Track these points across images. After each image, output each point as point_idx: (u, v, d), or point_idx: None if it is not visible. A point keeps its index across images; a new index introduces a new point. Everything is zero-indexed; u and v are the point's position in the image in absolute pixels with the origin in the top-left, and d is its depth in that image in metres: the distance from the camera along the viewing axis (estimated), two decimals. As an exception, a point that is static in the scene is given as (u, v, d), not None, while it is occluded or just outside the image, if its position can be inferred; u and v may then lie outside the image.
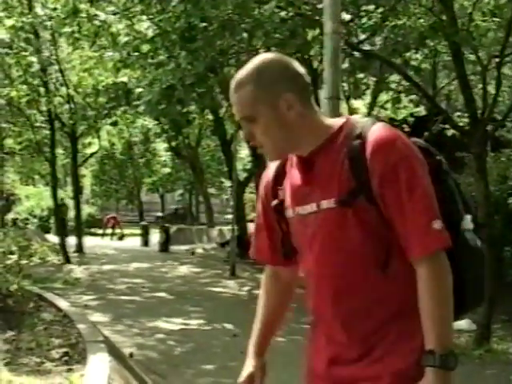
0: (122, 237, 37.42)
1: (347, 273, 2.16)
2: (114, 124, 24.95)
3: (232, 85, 2.23)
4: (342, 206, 2.13)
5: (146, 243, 30.89)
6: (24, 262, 7.78)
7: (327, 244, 2.19)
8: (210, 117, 24.84)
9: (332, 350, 2.24)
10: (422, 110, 20.19)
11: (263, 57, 2.27)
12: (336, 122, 2.27)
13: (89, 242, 27.22)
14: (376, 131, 2.14)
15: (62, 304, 7.95)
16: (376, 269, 2.12)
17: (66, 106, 22.92)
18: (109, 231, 37.87)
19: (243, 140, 23.24)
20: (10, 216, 34.97)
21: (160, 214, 47.31)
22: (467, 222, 2.22)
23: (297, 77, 2.23)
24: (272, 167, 2.43)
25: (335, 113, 4.29)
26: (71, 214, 30.94)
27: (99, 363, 4.68)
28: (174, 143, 30.27)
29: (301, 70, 2.26)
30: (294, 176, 2.31)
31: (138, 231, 33.42)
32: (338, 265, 2.18)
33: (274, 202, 2.37)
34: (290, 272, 2.51)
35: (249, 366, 2.51)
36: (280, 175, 2.37)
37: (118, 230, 38.00)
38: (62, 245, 21.60)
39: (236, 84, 2.21)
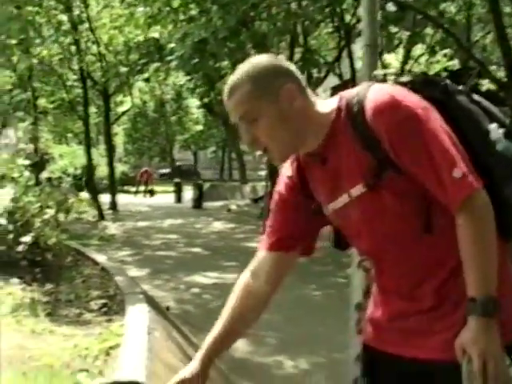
0: (152, 192, 37.41)
1: (400, 246, 2.11)
2: (147, 80, 24.96)
3: (226, 91, 2.12)
4: (371, 187, 2.06)
5: (179, 200, 31.04)
6: (61, 216, 7.84)
7: (372, 227, 2.12)
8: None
9: (399, 305, 2.18)
10: (455, 64, 19.90)
11: (253, 58, 2.16)
12: (333, 105, 2.14)
13: (122, 199, 27.42)
14: (371, 97, 2.04)
15: (100, 258, 8.04)
16: (425, 232, 2.07)
17: (98, 65, 22.95)
18: (142, 188, 37.95)
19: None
20: (44, 175, 35.30)
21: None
22: (494, 131, 2.11)
23: (291, 71, 2.13)
24: (289, 170, 2.30)
25: (373, 59, 4.23)
26: (99, 172, 31.14)
27: (138, 313, 4.73)
28: (206, 100, 30.18)
29: (292, 66, 2.16)
30: (314, 175, 2.22)
31: (171, 188, 33.56)
32: (389, 242, 2.13)
33: (314, 205, 2.24)
34: (287, 260, 2.37)
35: (188, 369, 2.27)
36: (304, 178, 2.26)
37: (149, 186, 37.97)
38: (96, 202, 21.79)
39: (230, 88, 2.10)
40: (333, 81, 22.91)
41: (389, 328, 2.20)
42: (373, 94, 2.04)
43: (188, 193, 29.95)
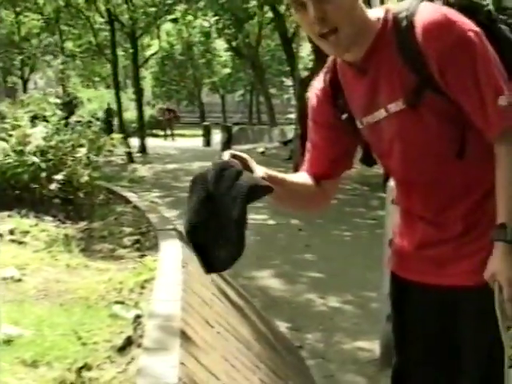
0: (172, 136, 36.97)
1: (431, 167, 2.09)
2: (175, 21, 24.77)
3: None
4: (411, 104, 2.00)
5: (207, 143, 31.04)
6: (93, 155, 7.87)
7: (406, 146, 2.08)
8: (270, 14, 24.39)
9: (425, 232, 2.17)
10: None
11: None
12: (378, 16, 2.04)
13: (151, 143, 27.49)
14: (423, 14, 1.95)
15: (132, 196, 8.08)
16: (457, 157, 2.04)
17: (125, 6, 22.79)
18: (169, 132, 37.63)
19: (305, 38, 22.87)
20: (73, 118, 35.38)
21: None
22: None
23: None
24: (320, 82, 2.24)
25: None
26: (128, 116, 31.16)
27: (172, 248, 4.75)
28: (234, 43, 29.96)
29: None
30: (351, 86, 2.15)
31: (200, 132, 33.54)
32: (421, 163, 2.09)
33: (344, 116, 2.19)
34: (332, 184, 2.33)
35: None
36: (337, 88, 2.19)
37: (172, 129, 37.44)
38: (126, 144, 21.81)
39: None
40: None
41: (415, 256, 2.19)
42: (425, 12, 1.96)
43: (217, 136, 29.92)
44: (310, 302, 6.56)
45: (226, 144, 27.55)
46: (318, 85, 2.26)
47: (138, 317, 3.33)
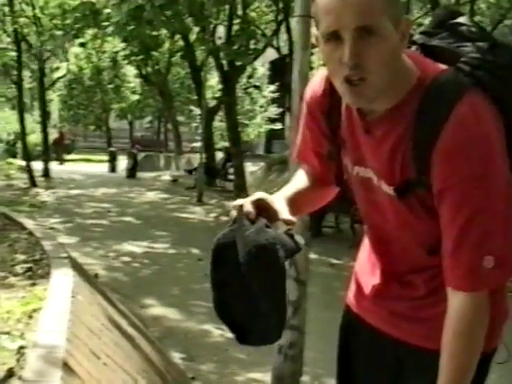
0: (59, 160, 35.98)
1: (406, 245, 1.96)
2: (82, 45, 24.56)
3: None
4: (399, 195, 1.81)
5: (113, 169, 30.74)
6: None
7: (392, 219, 1.91)
8: (181, 43, 24.46)
9: (387, 285, 2.07)
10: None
11: None
12: (412, 72, 1.75)
13: (56, 167, 27.04)
14: (462, 121, 1.66)
15: (28, 223, 7.91)
16: (428, 254, 1.90)
17: (33, 28, 22.45)
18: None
19: (214, 67, 23.00)
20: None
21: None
22: None
23: None
24: (319, 90, 1.95)
25: (306, 31, 4.19)
26: (33, 139, 30.59)
27: (63, 277, 4.69)
28: (143, 70, 29.86)
29: None
30: (352, 125, 1.89)
31: (106, 157, 33.21)
32: (398, 237, 1.96)
33: (335, 145, 1.97)
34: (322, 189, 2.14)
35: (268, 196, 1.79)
36: (334, 108, 1.93)
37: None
38: (28, 168, 21.41)
39: None
40: (271, 54, 22.95)
41: (374, 303, 2.11)
42: (466, 116, 1.67)
43: (123, 162, 29.68)
44: (206, 333, 6.56)
45: (131, 170, 27.37)
46: (315, 89, 2.00)
47: (21, 348, 3.27)
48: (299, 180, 2.09)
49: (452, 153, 1.67)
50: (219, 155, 24.92)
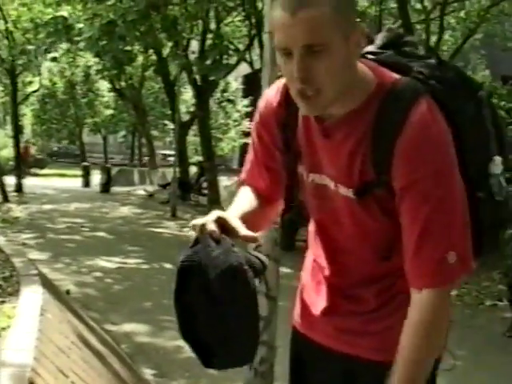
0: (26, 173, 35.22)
1: (359, 252, 1.96)
2: (54, 60, 24.52)
3: (293, 2, 1.65)
4: (358, 197, 1.82)
5: (87, 184, 30.57)
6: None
7: (348, 225, 1.92)
8: (154, 57, 24.48)
9: (334, 302, 2.05)
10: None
11: None
12: (369, 79, 1.81)
13: (29, 182, 26.86)
14: (420, 120, 1.74)
15: (-2, 240, 7.88)
16: (383, 259, 1.92)
17: (5, 42, 22.37)
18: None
19: (186, 82, 23.02)
20: None
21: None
22: (495, 165, 1.92)
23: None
24: (275, 102, 1.97)
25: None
26: (6, 153, 30.41)
27: (32, 295, 4.66)
28: (117, 84, 29.82)
29: None
30: (309, 133, 1.90)
31: (79, 172, 33.04)
32: (351, 243, 1.96)
33: (288, 155, 1.97)
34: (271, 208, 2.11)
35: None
36: (291, 117, 1.93)
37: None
38: (1, 184, 21.27)
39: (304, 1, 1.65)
40: (244, 68, 23.01)
41: (321, 320, 2.08)
42: (421, 119, 1.74)
43: (97, 177, 29.55)
44: (178, 348, 6.52)
45: (105, 185, 27.24)
46: (271, 101, 2.00)
47: (-12, 367, 3.25)
48: (244, 200, 2.03)
49: (412, 151, 1.72)
50: (193, 169, 24.91)
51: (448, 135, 1.77)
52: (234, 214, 1.83)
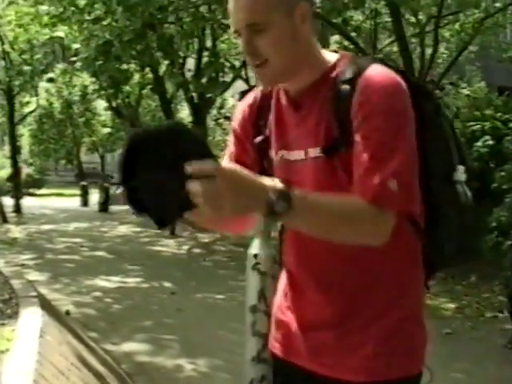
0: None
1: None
2: (51, 80, 24.58)
3: None
4: (327, 155, 1.90)
5: (85, 203, 30.59)
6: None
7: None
8: (151, 75, 24.53)
9: (310, 313, 2.03)
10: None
11: None
12: (330, 57, 2.00)
13: (27, 202, 26.86)
14: (371, 76, 1.87)
15: (-4, 261, 7.87)
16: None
17: (2, 63, 22.44)
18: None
19: (183, 100, 23.08)
20: None
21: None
22: (459, 173, 2.01)
23: None
24: (251, 98, 2.14)
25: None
26: (3, 174, 30.41)
27: (31, 317, 4.65)
28: (114, 102, 29.86)
29: None
30: (280, 114, 2.04)
31: (78, 191, 33.05)
32: None
33: (259, 139, 2.08)
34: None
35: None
36: (263, 108, 2.09)
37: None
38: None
39: None
40: (241, 85, 23.07)
41: (299, 339, 2.04)
42: (373, 75, 1.88)
43: (94, 196, 29.57)
44: (179, 368, 6.52)
45: (104, 204, 27.25)
46: (248, 98, 2.16)
47: (-13, 391, 3.24)
48: None
49: (365, 90, 1.85)
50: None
51: (405, 88, 1.88)
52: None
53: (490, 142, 11.59)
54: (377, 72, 1.89)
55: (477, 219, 2.09)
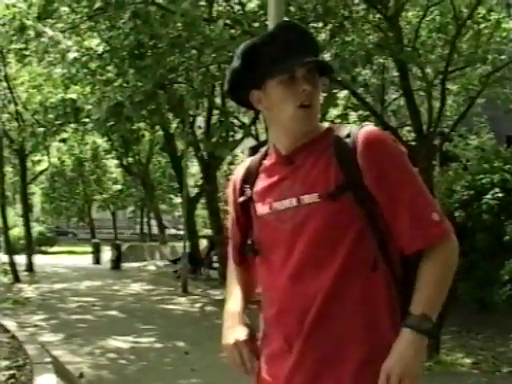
0: None
1: (334, 270, 2.11)
2: (64, 141, 24.81)
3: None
4: (326, 200, 2.12)
5: (97, 261, 30.58)
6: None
7: (314, 237, 2.13)
8: (161, 132, 24.76)
9: (309, 368, 2.14)
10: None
11: None
12: (321, 126, 2.31)
13: (39, 260, 26.87)
14: (367, 131, 2.17)
15: (10, 325, 7.85)
16: (364, 269, 2.11)
17: (15, 123, 22.70)
18: None
19: (193, 156, 23.23)
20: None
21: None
22: None
23: None
24: (240, 171, 2.42)
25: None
26: (16, 232, 30.48)
27: (47, 384, 4.64)
28: (124, 160, 30.11)
29: None
30: (270, 173, 2.30)
31: (89, 249, 33.10)
32: (323, 260, 2.12)
33: (241, 199, 2.34)
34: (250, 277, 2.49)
35: (241, 329, 2.31)
36: (250, 176, 2.36)
37: None
38: (12, 264, 21.31)
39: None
40: (250, 140, 23.22)
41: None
42: (368, 130, 2.19)
43: (107, 253, 29.58)
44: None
45: (116, 262, 27.25)
46: (240, 170, 2.44)
47: None
48: (235, 279, 2.54)
49: (368, 149, 2.13)
50: (203, 242, 24.92)
51: (393, 137, 2.22)
52: (237, 306, 2.39)
53: (500, 195, 11.57)
54: (370, 128, 2.19)
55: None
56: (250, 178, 2.36)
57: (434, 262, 2.11)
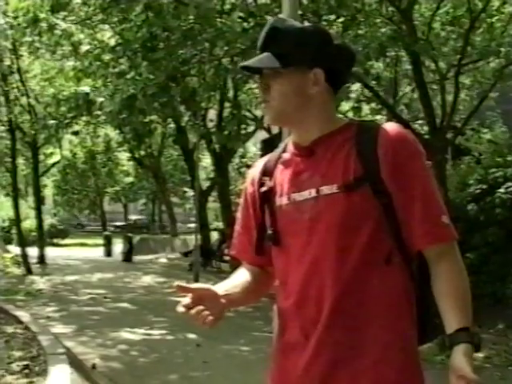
0: None
1: (353, 260, 2.10)
2: (76, 133, 24.86)
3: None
4: (344, 191, 2.11)
5: (109, 253, 30.68)
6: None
7: (333, 227, 2.12)
8: (173, 125, 24.76)
9: (326, 353, 2.12)
10: (382, 119, 20.34)
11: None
12: (340, 120, 2.31)
13: (51, 252, 26.98)
14: (390, 126, 2.20)
15: (24, 316, 7.88)
16: (381, 260, 2.12)
17: (27, 116, 22.76)
18: None
19: (205, 149, 23.25)
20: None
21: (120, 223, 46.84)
22: None
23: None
24: (259, 164, 2.41)
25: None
26: (28, 225, 30.59)
27: (60, 375, 4.66)
28: (136, 153, 30.13)
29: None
30: (289, 164, 2.28)
31: (101, 241, 33.19)
32: (342, 250, 2.11)
33: (263, 189, 2.30)
34: (266, 276, 2.40)
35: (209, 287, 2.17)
36: (269, 168, 2.34)
37: None
38: (24, 256, 21.41)
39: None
40: (262, 133, 23.22)
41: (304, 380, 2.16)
42: (389, 126, 2.22)
43: (118, 246, 29.65)
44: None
45: (127, 254, 27.32)
46: (259, 164, 2.42)
47: None
48: (238, 275, 2.41)
49: (389, 143, 2.14)
50: (214, 235, 24.93)
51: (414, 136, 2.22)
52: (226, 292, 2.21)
53: (513, 189, 11.55)
54: (392, 124, 2.22)
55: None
56: (268, 170, 2.34)
57: (453, 269, 2.14)
